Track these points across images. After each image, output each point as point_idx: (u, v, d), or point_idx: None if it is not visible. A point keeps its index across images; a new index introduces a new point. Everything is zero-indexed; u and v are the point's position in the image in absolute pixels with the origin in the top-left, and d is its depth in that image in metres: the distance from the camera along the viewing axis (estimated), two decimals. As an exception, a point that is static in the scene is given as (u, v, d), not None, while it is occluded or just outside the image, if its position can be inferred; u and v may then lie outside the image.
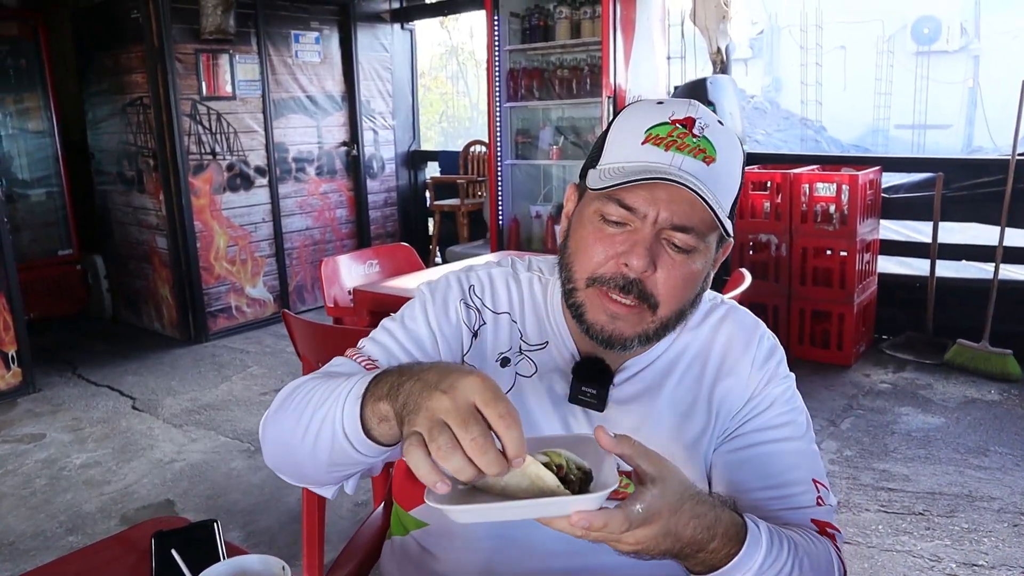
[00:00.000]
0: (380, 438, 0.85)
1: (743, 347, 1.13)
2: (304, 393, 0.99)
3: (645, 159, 0.99)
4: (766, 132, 15.16)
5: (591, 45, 4.94)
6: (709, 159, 0.99)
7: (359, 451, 0.88)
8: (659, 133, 1.00)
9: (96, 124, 5.64)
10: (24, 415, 4.11)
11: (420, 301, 1.16)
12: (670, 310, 1.03)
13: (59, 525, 2.99)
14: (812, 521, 1.07)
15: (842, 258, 4.37)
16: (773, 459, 1.08)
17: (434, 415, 0.76)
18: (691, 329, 1.14)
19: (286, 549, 2.78)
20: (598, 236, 1.02)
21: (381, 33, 6.41)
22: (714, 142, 1.00)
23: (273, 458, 1.05)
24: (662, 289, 1.01)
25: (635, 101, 1.09)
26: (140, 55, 5.06)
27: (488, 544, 1.08)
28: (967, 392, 3.99)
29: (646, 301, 1.01)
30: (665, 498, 0.82)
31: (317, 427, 0.91)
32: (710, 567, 0.89)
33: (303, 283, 5.97)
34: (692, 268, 1.02)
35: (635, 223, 0.99)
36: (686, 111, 1.01)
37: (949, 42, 16.97)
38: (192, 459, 3.53)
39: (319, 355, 2.29)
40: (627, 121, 1.04)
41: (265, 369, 4.73)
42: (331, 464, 0.94)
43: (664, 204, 0.98)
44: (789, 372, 1.15)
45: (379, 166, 6.53)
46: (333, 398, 0.90)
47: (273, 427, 1.03)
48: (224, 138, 5.34)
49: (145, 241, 5.43)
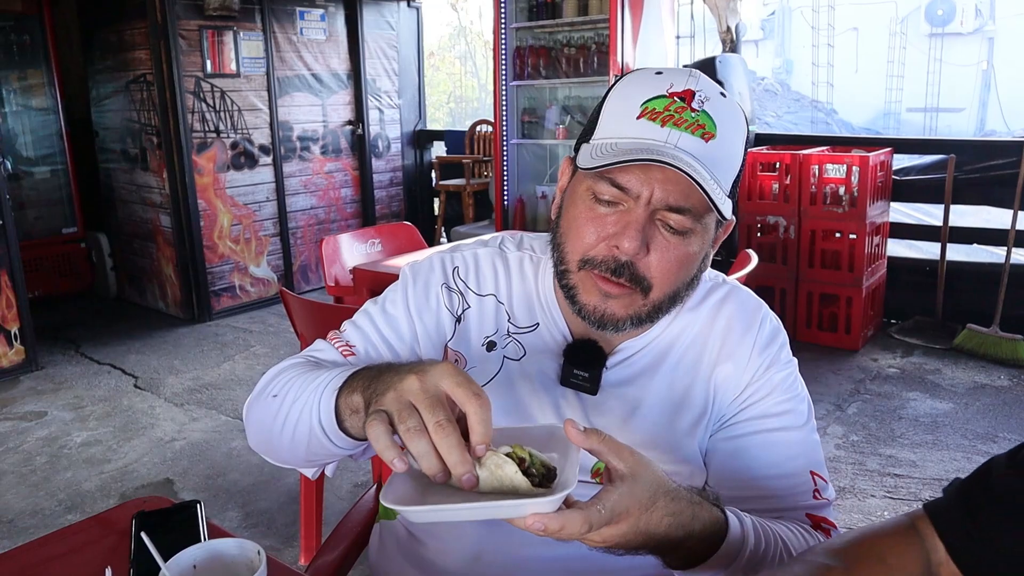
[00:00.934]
0: (351, 430, 0.87)
1: (743, 330, 1.08)
2: (284, 383, 0.99)
3: (639, 135, 0.93)
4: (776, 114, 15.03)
5: (599, 23, 4.87)
6: (708, 135, 0.93)
7: (334, 443, 0.89)
8: (656, 107, 0.94)
9: (100, 101, 5.61)
10: (26, 393, 4.10)
11: (402, 284, 1.13)
12: (663, 293, 0.98)
13: (58, 503, 2.98)
14: (807, 515, 1.03)
15: (851, 241, 4.31)
16: (770, 449, 1.04)
17: (402, 396, 0.76)
18: (689, 310, 1.09)
19: (284, 529, 2.77)
20: (589, 216, 0.97)
21: (387, 11, 6.34)
22: (714, 116, 0.94)
23: (256, 441, 1.06)
24: (655, 271, 0.96)
25: (634, 70, 1.03)
26: (144, 31, 5.01)
27: (475, 529, 1.05)
28: (976, 377, 3.94)
29: (638, 284, 0.96)
30: (634, 496, 0.78)
31: (295, 418, 0.93)
32: (687, 563, 0.86)
33: (307, 263, 5.94)
34: (687, 250, 0.97)
35: (628, 203, 0.94)
36: (685, 83, 0.95)
37: (963, 24, 16.76)
38: (193, 438, 3.51)
39: (316, 333, 2.26)
40: (623, 92, 0.98)
41: (268, 348, 4.71)
42: (309, 454, 0.95)
43: (659, 184, 0.92)
44: (792, 357, 1.10)
45: (384, 145, 6.48)
46: (310, 391, 0.92)
47: (255, 413, 1.04)
48: (228, 116, 5.29)
49: (149, 219, 5.41)
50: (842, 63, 16.83)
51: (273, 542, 2.70)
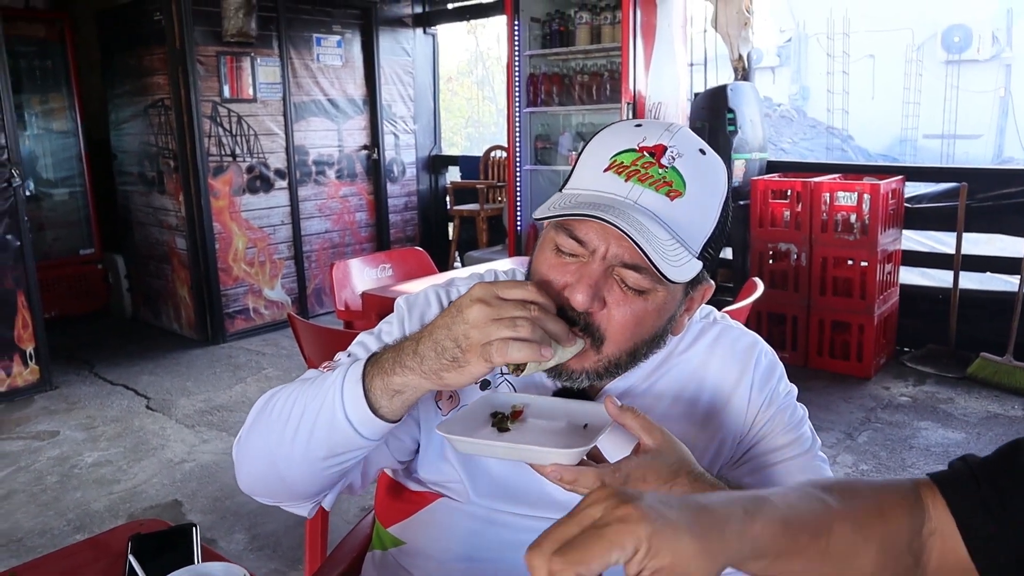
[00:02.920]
0: (389, 413, 0.89)
1: (739, 373, 1.08)
2: (283, 398, 0.99)
3: (602, 189, 0.92)
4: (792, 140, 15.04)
5: (611, 51, 4.92)
6: (675, 193, 0.90)
7: (362, 434, 0.90)
8: (623, 160, 0.92)
9: (119, 125, 5.70)
10: (40, 412, 4.14)
11: (398, 317, 1.13)
12: (618, 349, 0.95)
13: (67, 523, 3.00)
14: None
15: (863, 268, 4.30)
16: (780, 478, 1.05)
17: (481, 321, 0.83)
18: (680, 353, 1.08)
19: (290, 552, 2.77)
20: (551, 264, 0.96)
21: (403, 38, 6.42)
22: (684, 174, 0.91)
23: (250, 477, 1.04)
24: (610, 326, 0.93)
25: (616, 122, 1.04)
26: (162, 57, 5.10)
27: (462, 566, 1.05)
28: (989, 407, 3.91)
29: (591, 335, 0.94)
30: (654, 467, 0.83)
31: (311, 421, 0.92)
32: None
33: (321, 286, 5.98)
34: (647, 307, 0.94)
35: (585, 256, 0.93)
36: (658, 138, 0.93)
37: (980, 51, 16.73)
38: (202, 460, 3.53)
39: (324, 358, 2.27)
40: (599, 143, 0.97)
41: (281, 371, 4.73)
42: (329, 457, 0.94)
43: (615, 240, 0.90)
44: (791, 386, 1.11)
45: (399, 170, 6.53)
46: (323, 391, 0.92)
47: (252, 442, 1.02)
48: (244, 140, 5.36)
49: (165, 242, 5.47)
50: (858, 90, 16.83)
51: (278, 565, 2.70)
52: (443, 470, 1.06)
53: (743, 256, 4.74)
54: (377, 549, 1.20)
